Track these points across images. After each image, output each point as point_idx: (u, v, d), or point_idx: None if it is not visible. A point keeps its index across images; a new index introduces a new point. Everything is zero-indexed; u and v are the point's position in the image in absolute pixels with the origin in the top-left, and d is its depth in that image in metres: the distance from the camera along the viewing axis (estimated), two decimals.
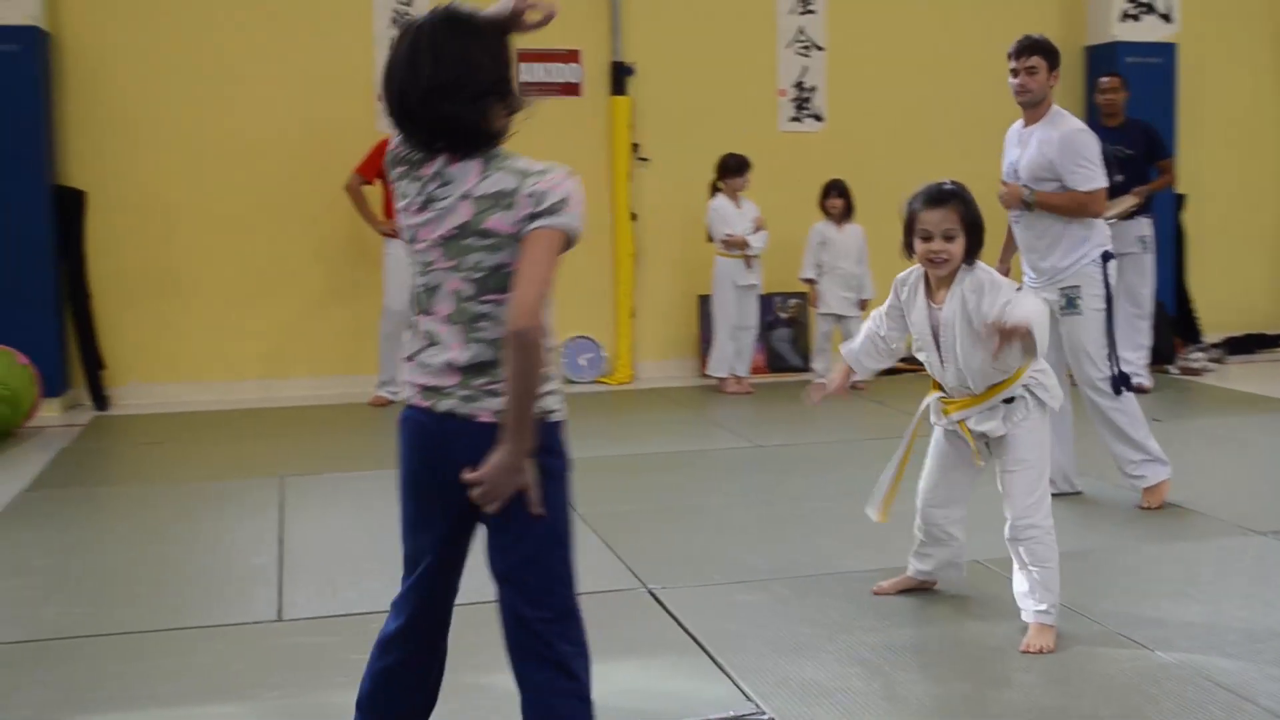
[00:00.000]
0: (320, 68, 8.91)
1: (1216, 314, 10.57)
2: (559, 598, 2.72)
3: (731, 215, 8.69)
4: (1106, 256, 5.60)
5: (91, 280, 8.65)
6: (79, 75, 8.63)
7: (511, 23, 2.82)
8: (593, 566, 4.86)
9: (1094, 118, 8.88)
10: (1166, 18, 10.08)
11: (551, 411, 2.68)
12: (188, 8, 8.76)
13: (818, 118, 9.87)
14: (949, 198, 4.06)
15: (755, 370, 9.50)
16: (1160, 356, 9.59)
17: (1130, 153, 8.56)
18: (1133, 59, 9.98)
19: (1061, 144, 5.52)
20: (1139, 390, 8.53)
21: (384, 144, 8.37)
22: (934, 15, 10.02)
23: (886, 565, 4.79)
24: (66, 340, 8.59)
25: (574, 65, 9.38)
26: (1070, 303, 5.60)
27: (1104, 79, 8.79)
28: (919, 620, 4.27)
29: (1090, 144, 5.55)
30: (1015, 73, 5.65)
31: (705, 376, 9.36)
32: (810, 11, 9.78)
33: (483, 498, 2.59)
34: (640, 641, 4.15)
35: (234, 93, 8.81)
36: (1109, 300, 5.60)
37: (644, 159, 9.47)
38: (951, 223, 4.03)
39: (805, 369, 9.38)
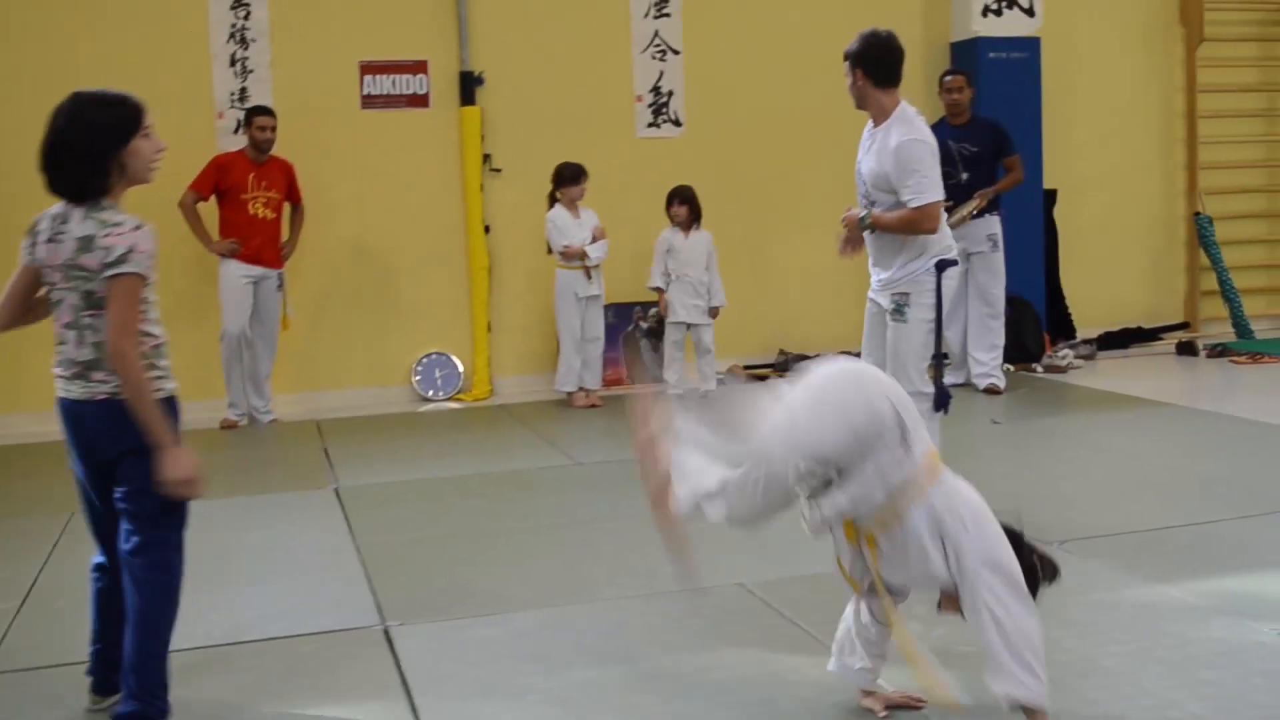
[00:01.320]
0: (160, 85, 8.58)
1: (1092, 309, 10.46)
2: (168, 523, 3.57)
3: (569, 226, 8.51)
4: (941, 265, 5.33)
5: None
6: None
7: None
8: (339, 603, 4.74)
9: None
10: (1029, 11, 9.94)
11: (158, 390, 3.50)
12: (23, 27, 8.52)
13: (676, 123, 9.70)
14: None
15: (615, 382, 9.35)
16: (1028, 354, 9.48)
17: (976, 150, 8.45)
18: (996, 54, 9.86)
19: (895, 155, 5.26)
20: (991, 391, 8.45)
21: (219, 160, 8.23)
22: (793, 15, 9.85)
23: (647, 591, 4.65)
24: None
25: (421, 76, 9.18)
26: (898, 309, 5.39)
27: (947, 77, 8.67)
28: (646, 653, 4.10)
29: (922, 155, 5.24)
30: None
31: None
32: (665, 15, 9.61)
33: (178, 492, 3.47)
34: (348, 686, 3.96)
35: None
36: (938, 310, 5.34)
37: (496, 170, 9.28)
38: None
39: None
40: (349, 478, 6.79)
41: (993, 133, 8.55)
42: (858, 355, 5.71)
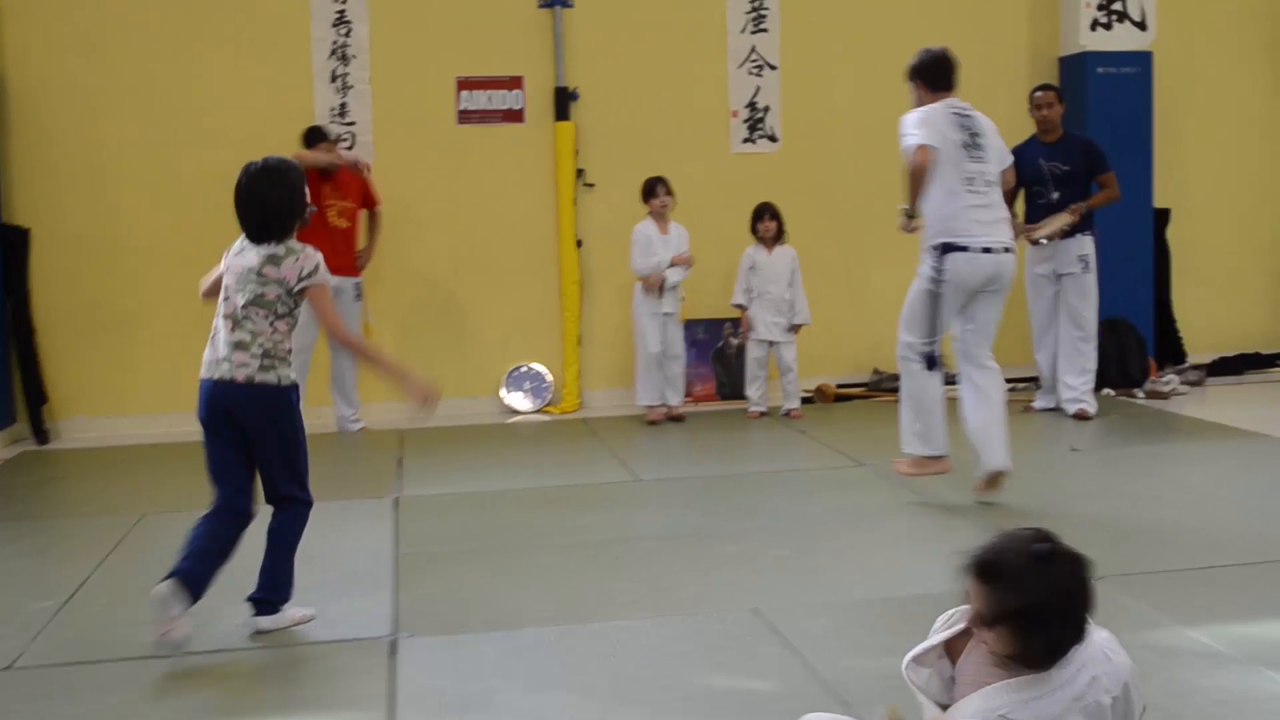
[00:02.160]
0: (263, 100, 8.95)
1: (1206, 334, 10.09)
2: (299, 479, 4.63)
3: (655, 242, 8.49)
4: (946, 248, 5.88)
5: (37, 315, 8.81)
6: (24, 114, 8.77)
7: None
8: (358, 612, 4.83)
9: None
10: (1141, 25, 9.65)
11: (283, 379, 4.49)
12: (131, 46, 8.85)
13: (772, 138, 9.64)
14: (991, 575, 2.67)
15: (704, 398, 9.33)
16: (1130, 379, 9.18)
17: (1067, 168, 8.21)
18: (1105, 69, 9.59)
19: None
20: (1080, 416, 8.21)
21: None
22: (894, 31, 9.71)
23: (662, 611, 4.63)
24: (10, 375, 8.75)
25: (516, 92, 9.30)
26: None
27: (1037, 93, 8.40)
28: (636, 675, 4.07)
29: (909, 118, 6.00)
30: None
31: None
32: (762, 30, 9.56)
33: (427, 402, 4.66)
34: (335, 697, 4.04)
35: (175, 128, 8.88)
36: (938, 287, 5.90)
37: (589, 184, 9.35)
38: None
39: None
40: (413, 488, 6.90)
41: (1085, 150, 8.29)
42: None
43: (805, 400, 9.11)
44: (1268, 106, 10.30)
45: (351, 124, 9.10)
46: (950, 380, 6.22)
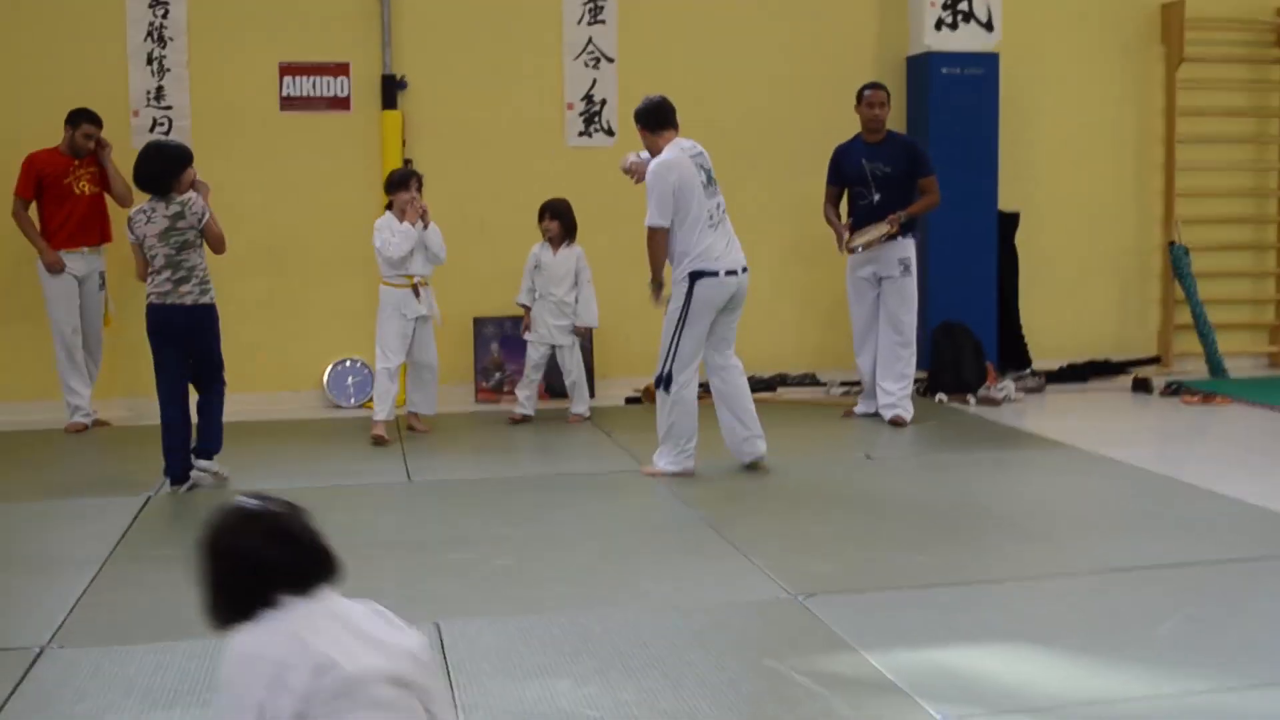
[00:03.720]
0: (76, 83, 8.56)
1: (1055, 340, 9.95)
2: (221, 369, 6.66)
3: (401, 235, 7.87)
4: (696, 275, 6.56)
5: None
6: None
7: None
8: (27, 617, 4.58)
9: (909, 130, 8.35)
10: (988, 26, 9.48)
11: (213, 298, 6.57)
12: None
13: (609, 132, 9.42)
14: None
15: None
16: (965, 385, 9.01)
17: (890, 170, 8.01)
18: (949, 70, 9.42)
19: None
20: (895, 423, 8.05)
21: (32, 158, 8.14)
22: (736, 25, 9.53)
23: None
24: None
25: (343, 79, 9.04)
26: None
27: (867, 91, 8.12)
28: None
29: (653, 183, 6.62)
30: None
31: (480, 401, 9.10)
32: (600, 22, 9.34)
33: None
34: None
35: None
36: (685, 310, 6.59)
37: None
38: None
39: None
40: None
41: (909, 152, 8.07)
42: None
43: (632, 400, 8.92)
44: (1116, 109, 10.15)
45: (168, 108, 8.83)
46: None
